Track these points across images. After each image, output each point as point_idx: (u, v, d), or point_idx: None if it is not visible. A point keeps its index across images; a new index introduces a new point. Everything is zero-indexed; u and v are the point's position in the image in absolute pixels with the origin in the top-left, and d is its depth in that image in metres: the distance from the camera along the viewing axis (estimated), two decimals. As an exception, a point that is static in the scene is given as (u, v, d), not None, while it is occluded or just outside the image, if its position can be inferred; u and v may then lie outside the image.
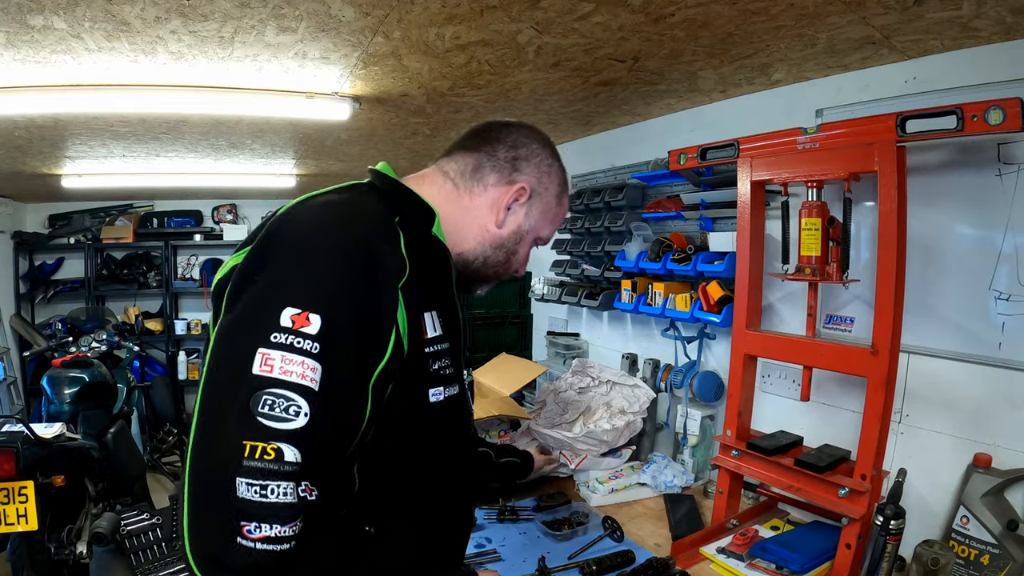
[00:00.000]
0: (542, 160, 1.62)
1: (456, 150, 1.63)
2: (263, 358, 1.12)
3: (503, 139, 1.60)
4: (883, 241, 2.04)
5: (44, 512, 3.65)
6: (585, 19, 2.19)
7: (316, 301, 1.18)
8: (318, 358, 1.15)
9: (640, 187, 3.66)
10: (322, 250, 1.25)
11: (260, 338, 1.14)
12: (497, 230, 1.58)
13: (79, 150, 4.63)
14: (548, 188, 1.64)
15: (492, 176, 1.57)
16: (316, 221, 1.32)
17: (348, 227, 1.30)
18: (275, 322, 1.15)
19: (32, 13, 2.11)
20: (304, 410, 1.12)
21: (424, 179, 1.59)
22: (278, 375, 1.12)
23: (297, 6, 2.11)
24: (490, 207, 1.57)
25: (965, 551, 2.11)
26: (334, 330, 1.18)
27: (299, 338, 1.14)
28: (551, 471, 2.96)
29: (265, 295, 1.20)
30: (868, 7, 1.99)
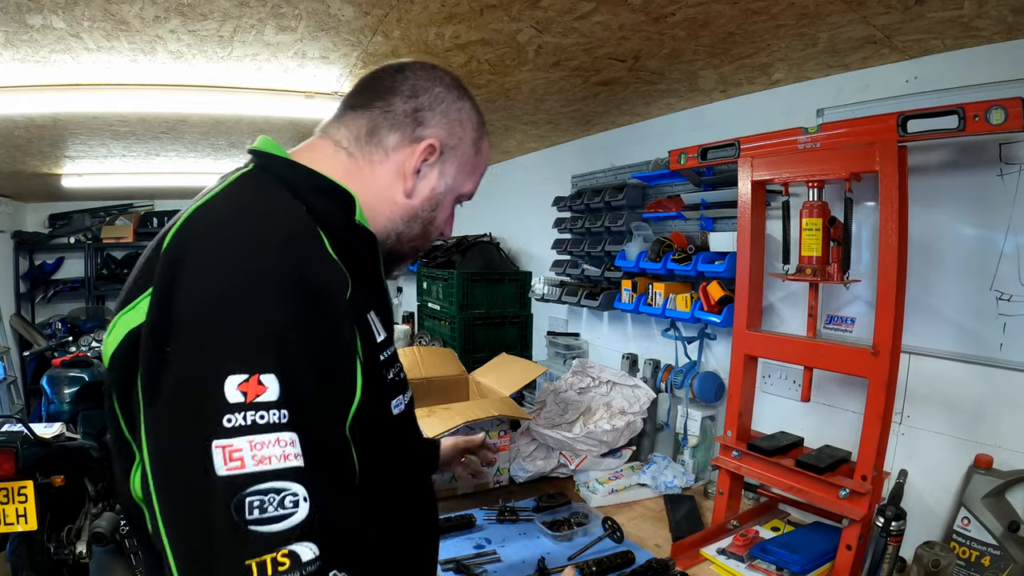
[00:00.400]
0: (449, 106, 1.39)
1: (345, 112, 1.39)
2: (225, 453, 0.90)
3: (397, 88, 1.35)
4: (884, 241, 2.03)
5: (44, 512, 3.65)
6: (585, 18, 2.19)
7: (262, 357, 0.96)
8: (291, 427, 0.94)
9: (640, 187, 3.66)
10: (249, 288, 0.99)
11: (209, 428, 0.91)
12: (407, 200, 1.37)
13: (79, 150, 4.63)
14: (462, 138, 1.41)
15: (392, 137, 1.34)
16: (224, 250, 1.03)
17: (268, 248, 1.04)
18: (220, 401, 0.91)
19: (31, 12, 2.11)
20: (302, 495, 0.92)
21: (313, 152, 1.34)
22: (254, 468, 0.90)
23: (296, 5, 2.10)
24: (395, 175, 1.35)
25: (966, 552, 2.11)
26: (296, 386, 0.97)
27: (260, 411, 0.92)
28: (478, 462, 2.42)
29: (192, 367, 0.95)
30: (869, 6, 1.99)
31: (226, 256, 1.02)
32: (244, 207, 1.13)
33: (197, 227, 1.07)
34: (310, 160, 1.28)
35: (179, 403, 0.94)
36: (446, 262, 5.25)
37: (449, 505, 2.80)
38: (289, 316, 1.00)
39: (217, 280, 1.00)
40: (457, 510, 2.69)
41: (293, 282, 1.02)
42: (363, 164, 1.34)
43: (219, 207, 1.12)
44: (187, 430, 0.93)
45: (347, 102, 1.40)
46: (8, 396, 7.32)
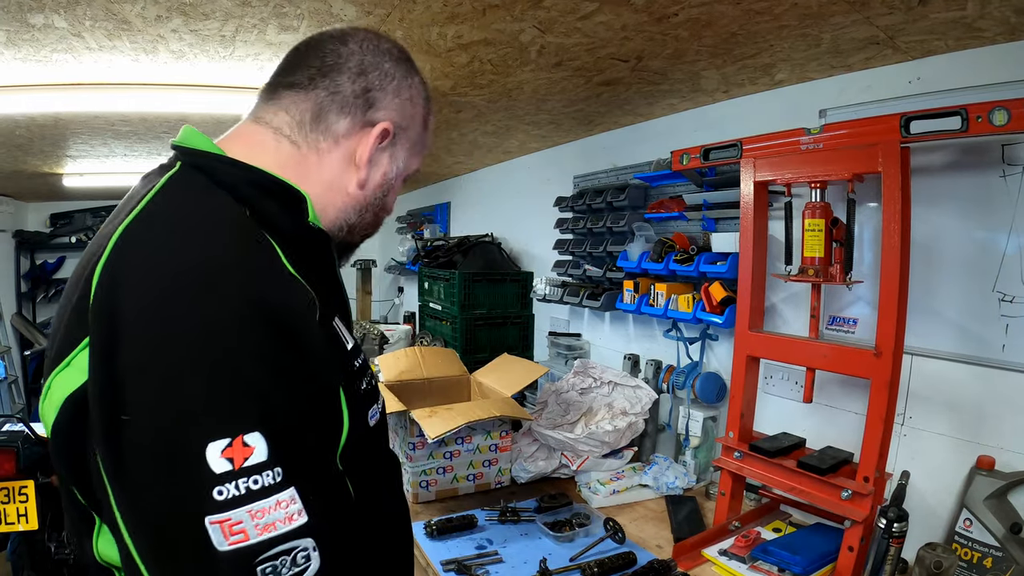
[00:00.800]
0: (400, 83, 1.26)
1: (281, 91, 1.21)
2: (224, 528, 0.82)
3: (343, 64, 1.20)
4: (887, 242, 2.03)
5: (44, 512, 3.65)
6: (588, 18, 2.18)
7: (242, 416, 0.86)
8: (287, 483, 0.87)
9: (642, 187, 3.66)
10: (210, 335, 0.87)
11: (199, 504, 0.82)
12: (360, 191, 1.26)
13: (80, 149, 4.63)
14: (413, 117, 1.30)
15: (342, 123, 1.20)
16: (168, 288, 0.89)
17: (222, 280, 0.91)
18: (205, 473, 0.82)
19: (33, 12, 2.10)
20: (311, 546, 0.88)
21: (249, 142, 1.18)
22: (259, 538, 0.84)
23: (298, 5, 2.10)
24: (346, 163, 1.23)
25: (968, 554, 2.10)
26: (284, 439, 0.89)
27: (252, 476, 0.84)
28: None
29: (162, 439, 0.84)
30: (872, 7, 1.98)
31: (172, 295, 0.88)
32: (181, 224, 0.99)
33: (131, 258, 0.93)
34: (247, 153, 1.13)
35: (156, 480, 0.84)
36: (447, 262, 5.25)
37: (450, 505, 2.81)
38: (262, 362, 0.90)
39: (167, 328, 0.87)
40: (458, 510, 2.69)
41: (259, 321, 0.91)
42: (309, 154, 1.20)
43: (152, 226, 0.98)
44: (173, 508, 0.84)
45: (282, 79, 1.23)
46: (9, 395, 7.33)
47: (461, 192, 6.48)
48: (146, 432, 0.84)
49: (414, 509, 2.77)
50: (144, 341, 0.86)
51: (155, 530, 0.85)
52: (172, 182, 1.05)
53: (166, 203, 1.01)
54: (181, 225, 0.98)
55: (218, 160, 1.10)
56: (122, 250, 0.93)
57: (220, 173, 1.08)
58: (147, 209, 0.99)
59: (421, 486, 2.84)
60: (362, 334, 5.59)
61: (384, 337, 5.63)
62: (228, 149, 1.13)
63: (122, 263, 0.92)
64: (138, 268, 0.92)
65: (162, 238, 0.96)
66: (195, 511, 0.82)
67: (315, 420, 0.98)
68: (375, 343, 5.54)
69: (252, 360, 0.89)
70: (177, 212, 1.01)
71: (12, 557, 3.84)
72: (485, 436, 2.93)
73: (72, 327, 0.95)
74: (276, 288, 0.96)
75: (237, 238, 0.98)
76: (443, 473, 2.87)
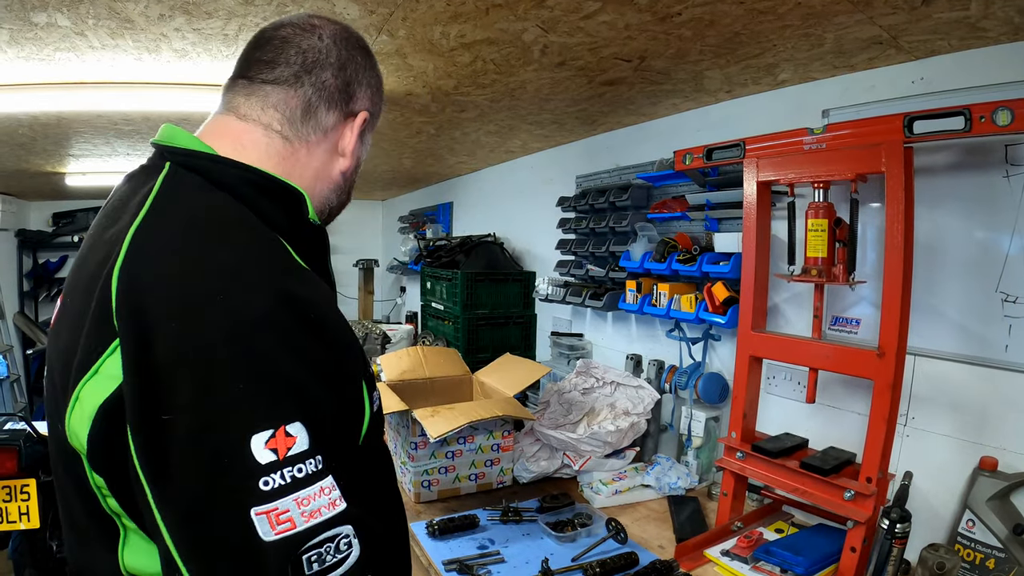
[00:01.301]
0: (368, 73, 1.32)
1: (265, 87, 1.21)
2: (270, 517, 0.84)
3: (325, 60, 1.23)
4: (890, 243, 2.03)
5: (46, 510, 3.65)
6: (591, 18, 2.18)
7: (283, 406, 0.89)
8: (327, 470, 0.90)
9: (645, 187, 3.66)
10: (243, 330, 0.89)
11: (245, 496, 0.84)
12: (341, 177, 1.32)
13: (83, 148, 4.63)
14: (378, 103, 1.37)
15: (330, 117, 1.25)
16: (198, 287, 0.91)
17: (248, 277, 0.94)
18: (251, 464, 0.84)
19: (36, 11, 2.10)
20: (352, 533, 0.90)
21: (239, 140, 1.18)
22: (305, 525, 0.85)
23: (302, 3, 2.10)
24: (330, 153, 1.28)
25: (971, 555, 2.10)
26: (322, 427, 0.92)
27: (296, 465, 0.86)
28: None
29: (206, 434, 0.86)
30: (875, 7, 1.98)
31: (201, 293, 0.90)
32: (197, 223, 1.00)
33: (152, 258, 0.94)
34: (237, 149, 1.16)
35: (200, 476, 0.85)
36: (450, 262, 5.26)
37: (452, 505, 2.81)
38: (296, 354, 0.92)
39: (200, 325, 0.88)
40: (461, 510, 2.70)
41: (288, 314, 0.93)
42: (299, 148, 1.23)
43: (167, 226, 0.99)
44: (218, 503, 0.85)
45: (260, 74, 1.22)
46: (11, 394, 7.34)
47: (464, 192, 6.48)
48: (188, 430, 0.86)
49: (416, 508, 2.78)
50: (177, 340, 0.87)
51: (198, 526, 0.86)
52: (169, 183, 1.06)
53: (174, 203, 1.03)
54: (196, 224, 0.99)
55: (213, 160, 1.12)
56: (139, 252, 0.94)
57: (217, 173, 1.10)
58: (155, 210, 1.00)
59: (423, 486, 2.84)
60: (364, 333, 5.60)
61: (386, 337, 5.64)
62: (215, 145, 1.15)
63: (142, 264, 0.93)
64: (161, 268, 0.93)
65: (181, 237, 0.97)
66: (242, 503, 0.84)
67: (344, 408, 1.02)
68: (377, 343, 5.55)
69: (286, 352, 0.91)
70: (188, 211, 1.02)
71: (14, 555, 3.85)
72: (487, 436, 2.93)
73: (94, 334, 0.94)
74: (298, 282, 1.00)
75: (253, 235, 1.02)
76: (445, 473, 2.87)
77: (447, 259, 5.33)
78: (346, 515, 0.90)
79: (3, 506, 3.55)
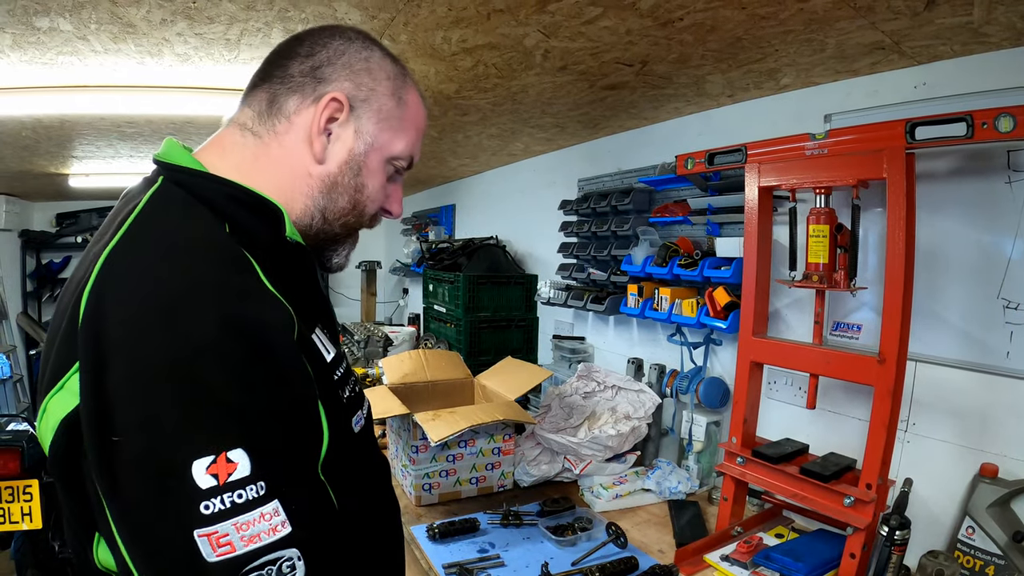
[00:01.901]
0: (352, 56, 1.25)
1: (247, 94, 1.27)
2: (211, 540, 0.86)
3: (294, 54, 1.24)
4: (891, 249, 2.03)
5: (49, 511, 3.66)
6: (592, 23, 2.18)
7: (225, 433, 0.90)
8: (270, 496, 0.91)
9: (647, 191, 3.66)
10: (191, 359, 0.91)
11: (187, 519, 0.86)
12: (322, 168, 1.24)
13: (86, 150, 4.65)
14: (374, 88, 1.27)
15: (292, 101, 1.22)
16: (152, 314, 0.93)
17: (202, 306, 0.94)
18: (192, 489, 0.86)
19: (38, 15, 2.11)
20: (296, 555, 0.92)
21: (221, 146, 1.23)
22: (245, 548, 0.88)
23: (303, 9, 2.10)
24: (304, 144, 1.22)
25: (970, 562, 2.10)
26: (265, 454, 0.92)
27: (237, 491, 0.88)
28: None
29: (150, 458, 0.88)
30: (878, 12, 1.98)
31: (152, 320, 0.92)
32: (160, 248, 1.01)
33: (113, 283, 0.96)
34: (220, 155, 1.20)
35: (146, 496, 0.88)
36: (452, 264, 5.26)
37: (453, 509, 2.81)
38: (242, 383, 0.93)
39: (148, 352, 0.90)
40: (461, 514, 2.70)
41: (235, 340, 0.94)
42: (270, 141, 1.21)
43: (133, 251, 1.00)
44: (163, 523, 0.88)
45: (249, 83, 1.28)
46: (14, 394, 7.35)
47: (466, 194, 6.49)
48: (135, 452, 0.88)
49: (416, 512, 2.78)
50: (127, 365, 0.90)
51: (148, 543, 0.89)
52: (154, 200, 1.08)
53: (147, 225, 1.04)
54: (160, 249, 1.01)
55: (196, 175, 1.14)
56: (105, 275, 0.96)
57: (199, 188, 1.12)
58: (129, 232, 1.01)
59: (424, 489, 2.84)
60: (366, 336, 5.60)
61: (388, 339, 5.64)
62: (204, 158, 1.18)
63: (105, 289, 0.95)
64: (120, 294, 0.95)
65: (142, 263, 0.99)
66: (184, 525, 0.86)
67: (295, 434, 1.00)
68: (379, 345, 5.55)
69: (229, 379, 0.92)
70: (157, 235, 1.03)
71: (16, 556, 3.86)
72: (488, 439, 2.94)
73: (63, 349, 0.99)
74: (252, 306, 0.99)
75: (214, 259, 1.01)
76: (446, 476, 2.88)
77: (449, 262, 5.33)
78: (291, 539, 0.91)
79: (6, 507, 3.57)
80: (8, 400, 7.19)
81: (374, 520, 1.35)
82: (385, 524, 1.42)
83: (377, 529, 1.37)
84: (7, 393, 7.20)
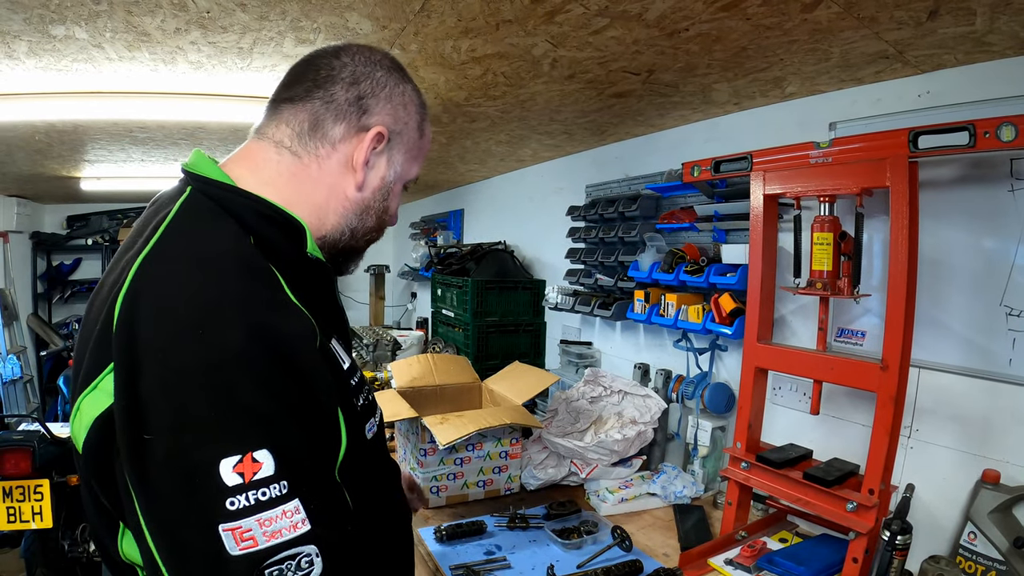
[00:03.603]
0: (392, 90, 1.32)
1: (281, 106, 1.29)
2: (235, 534, 0.90)
3: (337, 76, 1.27)
4: (895, 256, 2.04)
5: (59, 510, 3.69)
6: (600, 33, 2.21)
7: (251, 435, 0.94)
8: (292, 495, 0.95)
9: (654, 198, 3.67)
10: (220, 365, 0.95)
11: (212, 514, 0.90)
12: (359, 194, 1.31)
13: (98, 154, 4.69)
14: (407, 122, 1.35)
15: (338, 129, 1.26)
16: (183, 321, 0.96)
17: (231, 314, 0.98)
18: (219, 486, 0.90)
19: (54, 23, 2.15)
20: (315, 552, 0.96)
21: (254, 160, 1.26)
22: (267, 543, 0.92)
23: (315, 19, 2.13)
24: (343, 168, 1.28)
25: (972, 567, 2.11)
26: (289, 454, 0.96)
27: (261, 489, 0.92)
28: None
29: (180, 456, 0.92)
30: (881, 22, 2.00)
31: (183, 329, 0.96)
32: (191, 259, 1.05)
33: (147, 292, 1.00)
34: (252, 170, 1.24)
35: (175, 492, 0.92)
36: (460, 269, 5.29)
37: (460, 511, 2.84)
38: (268, 389, 0.97)
39: (184, 358, 0.94)
40: (468, 516, 2.73)
41: (261, 349, 0.98)
42: (309, 162, 1.26)
43: (165, 261, 1.04)
44: (190, 517, 0.92)
45: (281, 94, 1.30)
46: (24, 395, 7.39)
47: (474, 199, 6.51)
48: (166, 450, 0.92)
49: (424, 514, 2.80)
50: (160, 369, 0.94)
51: (174, 536, 0.93)
52: (184, 210, 1.12)
53: (179, 235, 1.08)
54: (190, 260, 1.04)
55: (224, 189, 1.16)
56: (139, 282, 1.00)
57: (227, 202, 1.15)
58: (161, 240, 1.05)
59: (432, 491, 2.86)
60: (375, 339, 5.62)
61: (397, 343, 5.66)
62: (232, 171, 1.22)
63: (139, 295, 0.99)
64: (153, 302, 0.98)
65: (175, 272, 1.02)
66: (210, 519, 0.90)
67: (316, 438, 1.05)
68: (388, 348, 5.56)
69: (256, 385, 0.96)
70: (188, 245, 1.07)
71: (26, 554, 3.90)
72: (496, 443, 2.96)
73: (97, 352, 1.02)
74: (277, 317, 1.03)
75: (241, 270, 1.05)
76: (453, 479, 2.90)
77: (458, 266, 5.36)
78: (309, 536, 0.95)
79: (17, 506, 3.60)
80: (19, 400, 7.22)
81: (385, 523, 1.38)
82: (396, 527, 1.45)
83: (388, 532, 1.40)
84: (17, 394, 7.22)
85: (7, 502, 3.58)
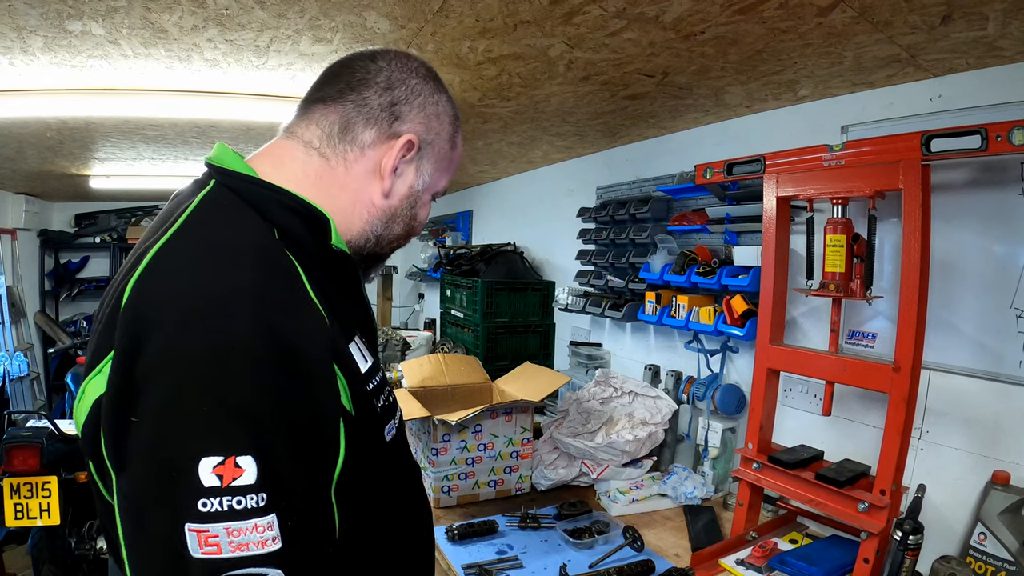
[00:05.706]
0: (426, 99, 1.30)
1: (313, 105, 1.28)
2: (200, 537, 0.86)
3: (371, 80, 1.26)
4: (907, 259, 2.05)
5: (66, 507, 3.71)
6: (616, 35, 2.22)
7: (238, 437, 0.89)
8: (269, 509, 0.90)
9: (665, 200, 3.69)
10: (218, 359, 0.91)
11: (182, 510, 0.86)
12: (385, 201, 1.29)
13: (109, 152, 4.70)
14: (439, 133, 1.33)
15: (368, 133, 1.25)
16: (188, 310, 0.94)
17: (238, 307, 0.95)
18: (195, 484, 0.86)
19: (71, 19, 2.16)
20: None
21: (280, 157, 1.24)
22: (231, 554, 0.87)
23: (333, 18, 2.14)
24: (371, 174, 1.27)
25: (982, 568, 2.12)
26: (274, 465, 0.91)
27: (237, 496, 0.87)
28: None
29: (162, 444, 0.89)
30: (894, 27, 2.01)
31: (188, 319, 0.93)
32: (207, 250, 1.02)
33: (158, 280, 0.98)
34: (277, 166, 1.22)
35: (150, 478, 0.90)
36: (470, 270, 5.29)
37: (471, 511, 2.85)
38: (264, 390, 0.93)
39: (182, 347, 0.91)
40: (480, 516, 2.74)
41: (266, 350, 0.94)
42: (337, 165, 1.24)
43: (181, 251, 1.02)
44: (159, 508, 0.88)
45: (314, 94, 1.29)
46: (32, 392, 7.40)
47: (484, 200, 6.52)
48: (149, 435, 0.90)
49: (436, 514, 2.81)
50: (158, 352, 0.91)
51: (140, 523, 0.91)
52: (205, 202, 1.10)
53: (197, 227, 1.06)
54: (207, 251, 1.02)
55: (248, 181, 1.15)
56: (151, 270, 0.98)
57: (250, 194, 1.13)
58: (178, 232, 1.03)
59: (443, 491, 2.88)
60: (385, 340, 5.63)
61: (407, 343, 5.66)
62: (258, 166, 1.20)
63: (149, 282, 0.97)
64: (163, 289, 0.96)
65: (188, 262, 1.00)
66: (179, 516, 0.86)
67: (308, 450, 0.99)
68: (397, 349, 5.57)
69: (253, 383, 0.93)
70: (205, 237, 1.05)
71: (33, 551, 3.91)
72: (507, 443, 2.96)
73: (103, 338, 1.00)
74: (288, 313, 1.00)
75: (258, 265, 1.02)
76: (465, 479, 2.91)
77: (467, 267, 5.35)
78: (275, 557, 0.90)
79: (24, 502, 3.61)
80: (26, 397, 7.23)
81: (407, 523, 1.37)
82: (417, 527, 1.42)
83: (410, 531, 1.38)
84: (25, 391, 7.24)
85: (15, 498, 3.59)
